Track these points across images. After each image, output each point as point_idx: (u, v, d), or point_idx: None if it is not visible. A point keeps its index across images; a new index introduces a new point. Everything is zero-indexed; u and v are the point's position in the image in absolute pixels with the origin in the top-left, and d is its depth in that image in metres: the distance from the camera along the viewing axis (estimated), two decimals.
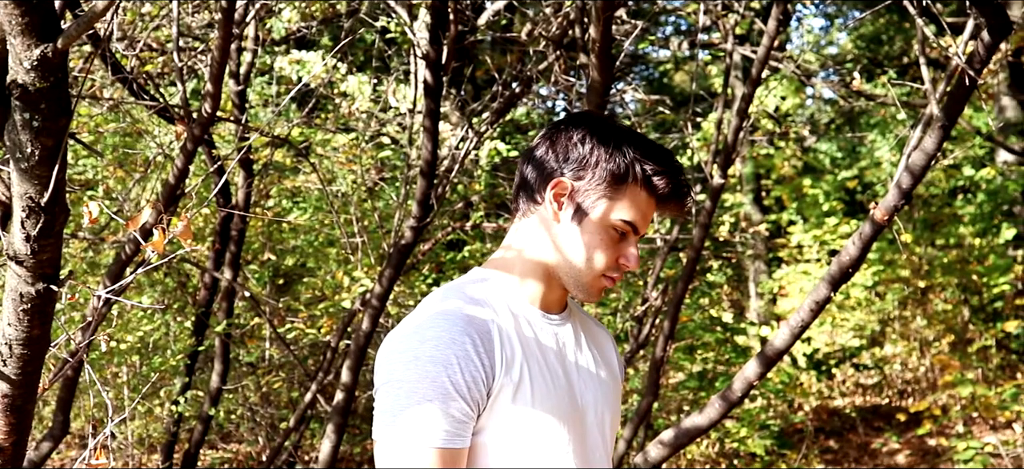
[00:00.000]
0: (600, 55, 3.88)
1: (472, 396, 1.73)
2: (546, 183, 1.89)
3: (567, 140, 1.90)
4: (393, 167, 8.84)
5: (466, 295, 1.85)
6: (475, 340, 1.75)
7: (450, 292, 1.86)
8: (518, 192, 1.96)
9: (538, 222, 1.92)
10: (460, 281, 1.91)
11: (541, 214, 1.91)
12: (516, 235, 1.95)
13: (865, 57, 15.31)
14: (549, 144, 1.92)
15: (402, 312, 6.97)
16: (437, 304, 1.82)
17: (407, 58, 8.10)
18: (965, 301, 10.98)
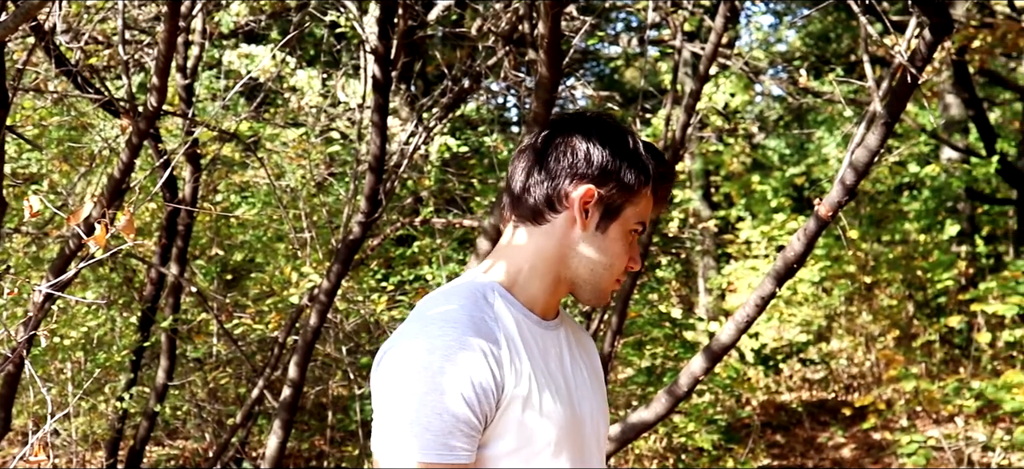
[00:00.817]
0: (549, 51, 3.89)
1: (482, 409, 1.67)
2: (565, 191, 1.82)
3: (582, 146, 1.83)
4: (343, 162, 8.80)
5: (470, 300, 1.77)
6: (485, 349, 1.69)
7: (454, 296, 1.79)
8: (520, 199, 1.86)
9: (552, 230, 1.84)
10: (460, 284, 1.84)
11: (557, 222, 1.84)
12: (519, 241, 1.87)
13: (813, 55, 15.44)
14: (559, 151, 1.84)
15: (351, 308, 6.94)
16: (442, 309, 1.75)
17: (356, 53, 8.07)
18: (910, 297, 11.12)
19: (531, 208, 1.85)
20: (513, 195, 1.88)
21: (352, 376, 7.20)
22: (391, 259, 8.71)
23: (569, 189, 1.82)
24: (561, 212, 1.83)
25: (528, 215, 1.86)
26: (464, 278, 1.88)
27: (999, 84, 12.18)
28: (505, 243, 1.89)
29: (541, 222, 1.84)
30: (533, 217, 1.85)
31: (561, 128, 1.87)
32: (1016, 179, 10.96)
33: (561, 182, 1.83)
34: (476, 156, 9.76)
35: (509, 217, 1.90)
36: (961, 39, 9.52)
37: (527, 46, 4.52)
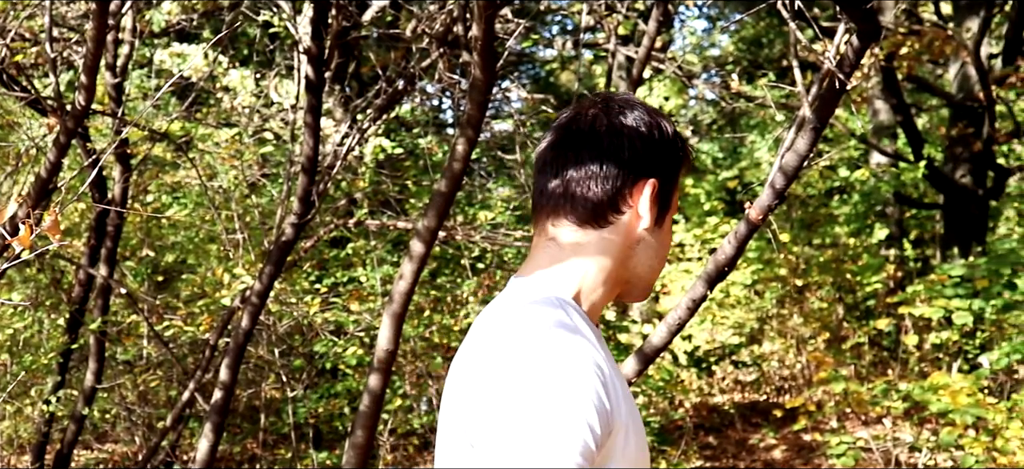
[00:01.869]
0: (482, 53, 3.89)
1: (598, 443, 1.42)
2: (630, 187, 1.63)
3: (638, 135, 1.64)
4: (276, 163, 8.74)
5: (563, 318, 1.53)
6: (601, 374, 1.46)
7: (548, 312, 1.53)
8: (575, 197, 1.63)
9: (616, 230, 1.64)
10: (541, 299, 1.57)
11: (622, 221, 1.64)
12: (580, 246, 1.64)
13: (746, 59, 15.62)
14: (617, 140, 1.63)
15: (284, 310, 6.89)
16: (548, 327, 1.49)
17: (290, 53, 8.02)
18: (840, 299, 11.28)
19: (593, 207, 1.63)
20: (565, 193, 1.64)
21: (285, 379, 7.15)
22: (325, 261, 8.66)
23: (633, 184, 1.63)
24: (623, 212, 1.63)
25: (589, 216, 1.63)
26: (531, 291, 1.60)
27: (926, 90, 12.40)
28: (561, 248, 1.65)
29: (603, 224, 1.64)
30: (594, 218, 1.63)
31: (611, 115, 1.66)
32: (943, 184, 11.15)
33: (625, 177, 1.63)
34: (411, 158, 9.74)
35: (557, 218, 1.65)
36: (889, 46, 9.68)
37: (461, 48, 4.52)
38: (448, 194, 4.20)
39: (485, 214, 8.39)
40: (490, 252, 8.19)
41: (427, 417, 7.72)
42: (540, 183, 1.68)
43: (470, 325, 7.53)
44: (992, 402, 7.22)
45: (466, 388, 1.50)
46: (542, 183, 1.67)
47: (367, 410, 4.41)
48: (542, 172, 1.68)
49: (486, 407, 1.43)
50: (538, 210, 1.68)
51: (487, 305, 1.66)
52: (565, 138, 1.67)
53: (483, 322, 1.58)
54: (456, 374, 1.57)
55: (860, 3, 3.16)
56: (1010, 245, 9.52)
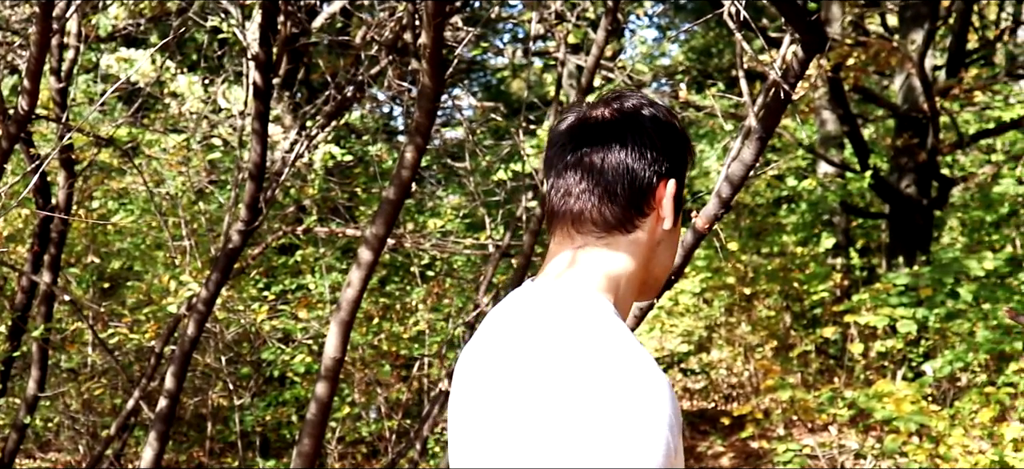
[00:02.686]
0: (431, 61, 3.89)
1: (673, 455, 1.39)
2: (654, 190, 1.60)
3: (657, 135, 1.61)
4: (226, 169, 8.68)
5: (626, 332, 1.49)
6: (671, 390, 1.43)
7: (612, 327, 1.49)
8: (601, 201, 1.58)
9: (642, 233, 1.61)
10: (597, 311, 1.53)
11: (646, 224, 1.61)
12: (611, 251, 1.60)
13: (695, 69, 15.71)
14: (639, 143, 1.60)
15: (231, 318, 6.85)
16: (627, 345, 1.46)
17: (239, 59, 7.97)
18: (787, 308, 11.38)
19: (619, 210, 1.59)
20: (590, 197, 1.60)
21: (232, 386, 7.10)
22: (273, 268, 8.62)
23: (657, 186, 1.60)
24: (648, 213, 1.60)
25: (615, 219, 1.59)
26: (580, 299, 1.55)
27: (872, 101, 12.54)
28: (591, 253, 1.61)
29: (631, 227, 1.60)
30: (622, 222, 1.59)
31: (630, 113, 1.63)
32: (888, 194, 11.29)
33: (649, 178, 1.59)
34: (361, 165, 9.71)
35: (581, 222, 1.61)
36: (836, 57, 9.78)
37: (410, 55, 4.52)
38: (396, 202, 4.19)
39: (435, 222, 8.38)
40: (439, 260, 8.19)
41: (375, 425, 7.70)
42: (560, 186, 1.63)
43: (421, 332, 7.47)
44: (935, 409, 7.32)
45: (534, 398, 1.45)
46: (562, 186, 1.62)
47: (314, 418, 4.39)
48: (561, 175, 1.63)
49: (582, 425, 1.39)
50: (560, 214, 1.63)
51: (507, 302, 1.62)
52: (587, 136, 1.62)
53: (530, 329, 1.53)
54: (501, 378, 1.52)
55: (805, 15, 3.19)
56: (953, 255, 9.66)
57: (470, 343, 1.66)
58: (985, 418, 7.12)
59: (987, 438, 7.20)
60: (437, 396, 5.93)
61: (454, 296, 7.85)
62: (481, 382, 1.56)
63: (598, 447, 1.36)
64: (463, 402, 1.60)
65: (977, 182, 11.83)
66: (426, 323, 7.72)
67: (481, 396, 1.55)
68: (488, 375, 1.55)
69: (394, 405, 7.49)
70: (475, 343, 1.63)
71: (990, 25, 14.62)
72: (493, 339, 1.58)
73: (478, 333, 1.64)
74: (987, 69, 13.43)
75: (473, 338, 1.66)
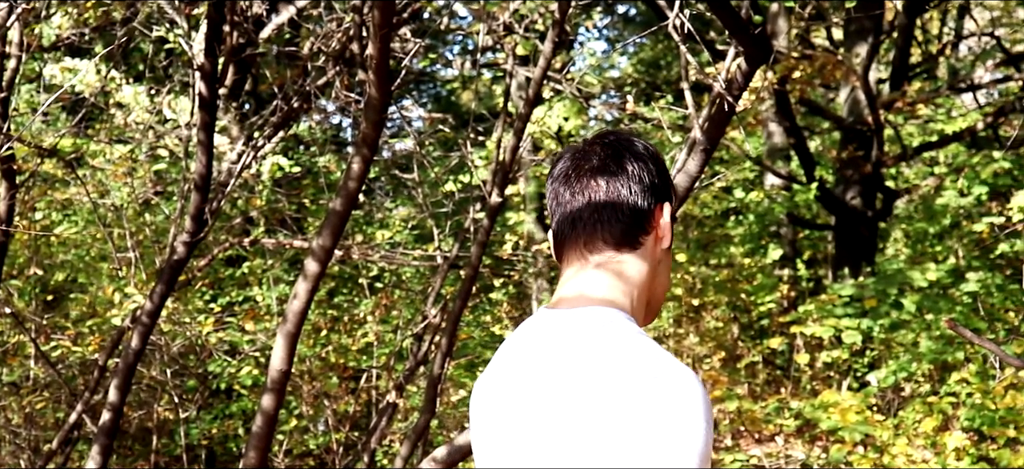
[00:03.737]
0: (378, 72, 3.88)
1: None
2: (653, 210, 1.77)
3: (652, 163, 1.79)
4: (173, 180, 8.61)
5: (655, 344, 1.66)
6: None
7: (648, 340, 1.64)
8: (611, 221, 1.74)
9: (645, 252, 1.76)
10: (631, 327, 1.68)
11: (648, 243, 1.77)
12: (623, 269, 1.75)
13: (644, 81, 15.80)
14: (640, 168, 1.77)
15: (176, 330, 6.78)
16: (662, 353, 1.62)
17: (186, 69, 7.91)
18: (735, 319, 11.46)
19: (627, 229, 1.75)
20: (600, 218, 1.75)
21: (177, 399, 7.03)
22: (221, 280, 8.55)
23: (656, 208, 1.77)
24: (650, 233, 1.76)
25: (623, 238, 1.75)
26: (614, 314, 1.70)
27: (818, 114, 12.67)
28: (609, 274, 1.75)
29: (636, 245, 1.75)
30: (629, 241, 1.75)
31: (623, 143, 1.80)
32: (834, 205, 11.41)
33: (650, 199, 1.76)
34: (309, 176, 9.67)
35: (593, 242, 1.76)
36: (783, 70, 9.87)
37: (357, 67, 4.51)
38: (343, 213, 4.18)
39: (383, 233, 8.36)
40: (388, 271, 8.17)
41: (323, 437, 7.66)
42: (568, 210, 1.78)
43: (369, 344, 7.42)
44: (879, 419, 7.40)
45: (600, 413, 1.56)
46: (572, 210, 1.77)
47: (260, 431, 4.36)
48: (568, 204, 1.78)
49: (680, 435, 1.53)
50: (571, 237, 1.77)
51: (536, 328, 1.73)
52: (590, 167, 1.77)
53: (579, 348, 1.64)
54: (560, 397, 1.61)
55: (748, 28, 3.23)
56: (897, 266, 9.78)
57: (499, 368, 1.75)
58: (928, 427, 7.21)
59: (930, 447, 7.29)
60: (385, 408, 5.91)
61: (403, 307, 7.83)
62: (534, 404, 1.66)
63: (665, 449, 1.52)
64: (512, 424, 1.69)
65: (920, 194, 12.00)
66: (375, 335, 7.70)
67: (537, 416, 1.64)
68: (541, 396, 1.65)
69: (342, 417, 7.46)
70: (508, 368, 1.73)
71: (933, 39, 14.84)
72: (536, 362, 1.68)
73: (507, 359, 1.74)
74: (930, 83, 13.64)
75: (502, 363, 1.75)
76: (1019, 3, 14.16)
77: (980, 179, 10.06)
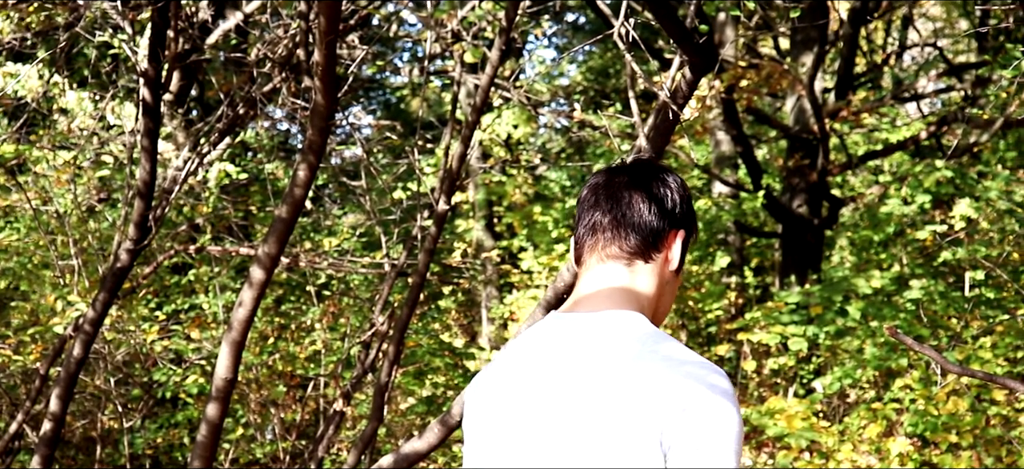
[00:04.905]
0: (324, 78, 3.86)
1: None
2: (670, 231, 1.93)
3: (678, 190, 1.95)
4: (118, 187, 8.51)
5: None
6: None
7: (677, 342, 1.84)
8: (630, 233, 1.91)
9: (655, 267, 1.92)
10: (655, 327, 1.86)
11: (659, 260, 1.92)
12: (640, 278, 1.91)
13: (593, 89, 15.85)
14: (665, 191, 1.94)
15: (120, 338, 6.71)
16: (695, 353, 1.80)
17: (131, 75, 7.83)
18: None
19: (642, 242, 1.90)
20: (620, 227, 1.91)
21: (121, 408, 6.95)
22: (166, 287, 8.46)
23: (669, 232, 1.92)
24: (661, 252, 1.92)
25: (639, 252, 1.91)
26: (641, 317, 1.85)
27: (765, 122, 12.78)
28: (622, 280, 1.91)
29: (648, 260, 1.91)
30: (642, 254, 1.91)
31: (655, 169, 1.97)
32: (781, 213, 11.50)
33: (667, 222, 1.92)
34: (257, 183, 9.60)
35: (610, 250, 1.91)
36: (730, 78, 9.95)
37: (303, 73, 4.49)
38: (289, 220, 4.15)
39: (331, 240, 8.32)
40: (336, 279, 8.13)
41: (270, 446, 7.60)
42: (592, 218, 1.93)
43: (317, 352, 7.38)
44: (825, 426, 7.46)
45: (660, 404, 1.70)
46: (595, 218, 1.93)
47: (205, 440, 4.32)
48: (595, 208, 1.93)
49: (704, 438, 1.69)
50: (591, 242, 1.93)
51: (558, 329, 1.86)
52: (619, 183, 1.94)
53: (609, 349, 1.78)
54: (603, 392, 1.73)
55: (692, 37, 3.25)
56: (843, 273, 9.87)
57: (516, 366, 1.87)
58: (873, 433, 7.28)
59: (875, 453, 7.36)
60: (333, 416, 5.88)
61: (351, 315, 7.79)
62: (569, 402, 1.77)
63: (708, 446, 1.69)
64: (542, 421, 1.79)
65: (865, 202, 12.11)
66: (322, 342, 7.66)
67: (574, 414, 1.75)
68: (575, 394, 1.76)
69: (289, 425, 7.41)
70: (529, 367, 1.85)
71: (877, 49, 15.02)
72: (566, 362, 1.80)
73: (526, 358, 1.86)
74: (874, 92, 13.80)
75: (519, 361, 1.87)
76: (961, 15, 14.38)
77: (923, 188, 10.18)
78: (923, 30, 15.02)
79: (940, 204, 10.74)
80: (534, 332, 1.89)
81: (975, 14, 12.41)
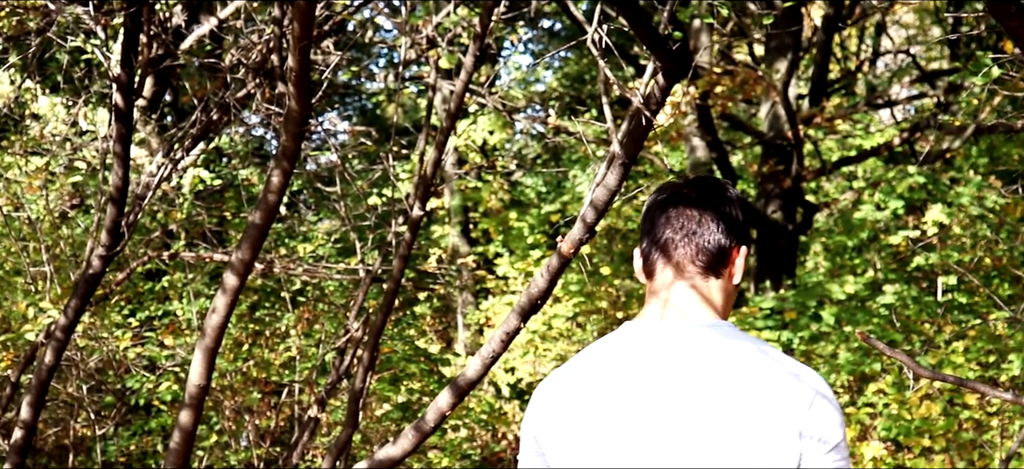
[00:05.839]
0: (297, 84, 3.85)
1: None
2: (734, 250, 2.02)
3: (741, 208, 2.05)
4: (92, 193, 8.47)
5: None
6: None
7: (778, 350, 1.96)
8: (706, 251, 2.00)
9: (725, 283, 2.02)
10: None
11: (725, 275, 2.01)
12: (714, 292, 2.00)
13: (569, 95, 15.87)
14: (734, 211, 2.03)
15: (92, 345, 6.67)
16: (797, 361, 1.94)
17: (105, 81, 7.78)
18: None
19: (714, 261, 1.99)
20: (696, 245, 1.99)
21: (94, 416, 6.91)
22: (140, 294, 8.42)
23: (736, 246, 2.02)
24: (727, 267, 2.01)
25: (710, 268, 2.00)
26: (729, 330, 1.94)
27: (740, 128, 12.82)
28: (701, 294, 1.99)
29: (718, 276, 2.00)
30: (715, 270, 2.00)
31: (720, 186, 2.06)
32: (755, 219, 11.54)
33: (731, 240, 2.01)
34: (231, 189, 9.57)
35: (686, 266, 2.00)
36: (704, 85, 9.98)
37: (277, 79, 4.47)
38: (263, 226, 4.14)
39: (306, 247, 8.29)
40: (310, 285, 8.10)
41: (244, 453, 7.57)
42: (663, 235, 2.01)
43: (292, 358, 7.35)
44: None
45: (783, 409, 1.82)
46: (667, 235, 2.01)
47: (178, 447, 4.30)
48: (665, 225, 2.01)
49: (834, 429, 1.86)
50: (663, 259, 2.01)
51: (649, 336, 1.95)
52: (689, 200, 2.02)
53: (724, 357, 1.87)
54: (741, 390, 1.83)
55: (665, 44, 3.26)
56: (817, 279, 9.91)
57: (613, 376, 1.93)
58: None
59: (849, 457, 7.39)
60: (307, 422, 5.86)
61: (325, 321, 7.77)
62: (688, 410, 1.85)
63: (829, 446, 1.85)
64: (660, 429, 1.86)
65: (839, 208, 12.17)
66: (297, 349, 7.63)
67: (695, 421, 1.84)
68: (697, 403, 1.84)
69: (264, 432, 7.38)
70: (633, 376, 1.91)
71: (851, 56, 15.11)
72: (681, 373, 1.88)
73: (628, 368, 1.93)
74: (848, 98, 13.88)
75: (617, 371, 1.93)
76: (934, 22, 14.47)
77: (896, 193, 10.24)
78: (896, 37, 15.11)
79: (913, 210, 10.81)
80: (621, 342, 1.96)
81: (947, 21, 12.49)
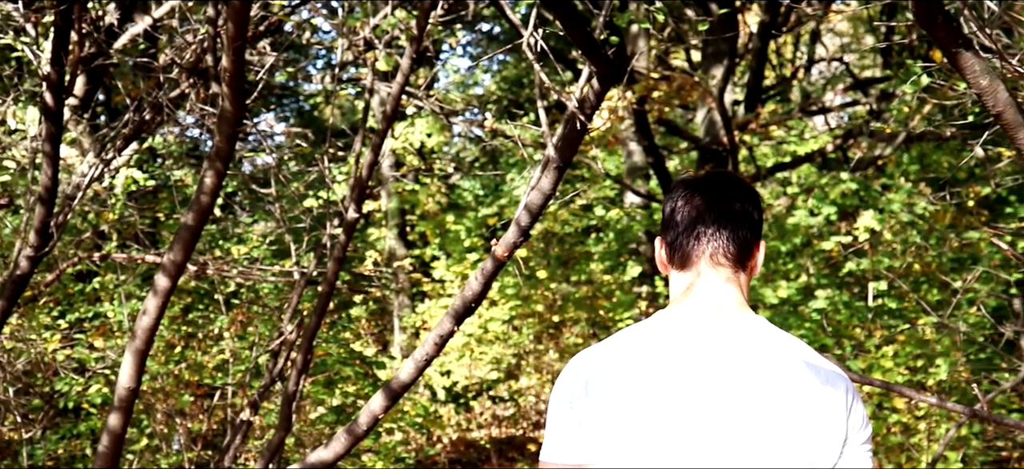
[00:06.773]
0: (231, 84, 3.83)
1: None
2: (755, 244, 2.11)
3: (761, 205, 2.14)
4: (21, 193, 8.33)
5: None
6: None
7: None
8: (733, 244, 2.07)
9: (746, 276, 2.11)
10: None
11: (747, 268, 2.11)
12: (742, 285, 2.08)
13: (507, 98, 15.89)
14: (753, 208, 2.11)
15: (19, 347, 6.56)
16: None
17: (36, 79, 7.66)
18: (594, 335, 11.57)
19: (741, 255, 2.08)
20: (726, 239, 2.07)
21: (21, 419, 6.80)
22: (70, 295, 8.30)
23: (757, 241, 2.11)
24: (751, 260, 2.11)
25: (738, 261, 2.08)
26: (764, 323, 2.06)
27: (676, 134, 12.92)
28: (734, 286, 2.07)
29: (744, 269, 2.09)
30: (743, 263, 2.09)
31: (743, 184, 2.14)
32: None
33: (755, 234, 2.10)
34: (165, 190, 9.46)
35: (718, 259, 2.07)
36: (642, 90, 10.05)
37: (211, 79, 4.43)
38: (195, 227, 4.10)
39: (240, 249, 8.23)
40: (245, 288, 8.04)
41: (176, 456, 7.49)
42: (694, 228, 2.08)
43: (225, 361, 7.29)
44: None
45: (820, 399, 1.97)
46: (697, 229, 2.08)
47: (106, 450, 4.25)
48: (696, 221, 2.08)
49: (867, 424, 2.03)
50: (696, 250, 2.08)
51: (694, 322, 2.05)
52: (716, 194, 2.09)
53: (767, 344, 2.01)
54: (789, 383, 1.96)
55: (600, 49, 3.28)
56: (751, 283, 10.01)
57: (665, 356, 2.02)
58: None
59: None
60: (240, 425, 5.81)
61: (260, 324, 7.71)
62: (744, 392, 1.96)
63: (870, 429, 2.04)
64: (718, 409, 1.96)
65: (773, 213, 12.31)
66: (230, 351, 7.57)
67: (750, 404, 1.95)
68: (752, 387, 1.96)
69: (195, 436, 7.31)
70: (687, 357, 2.00)
71: (786, 63, 15.28)
72: (735, 357, 1.98)
73: (678, 349, 2.02)
74: (783, 105, 14.03)
75: (668, 352, 2.02)
76: (867, 31, 14.69)
77: (829, 199, 10.37)
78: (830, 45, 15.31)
79: (845, 216, 10.95)
80: (666, 328, 2.05)
81: (880, 30, 12.69)
